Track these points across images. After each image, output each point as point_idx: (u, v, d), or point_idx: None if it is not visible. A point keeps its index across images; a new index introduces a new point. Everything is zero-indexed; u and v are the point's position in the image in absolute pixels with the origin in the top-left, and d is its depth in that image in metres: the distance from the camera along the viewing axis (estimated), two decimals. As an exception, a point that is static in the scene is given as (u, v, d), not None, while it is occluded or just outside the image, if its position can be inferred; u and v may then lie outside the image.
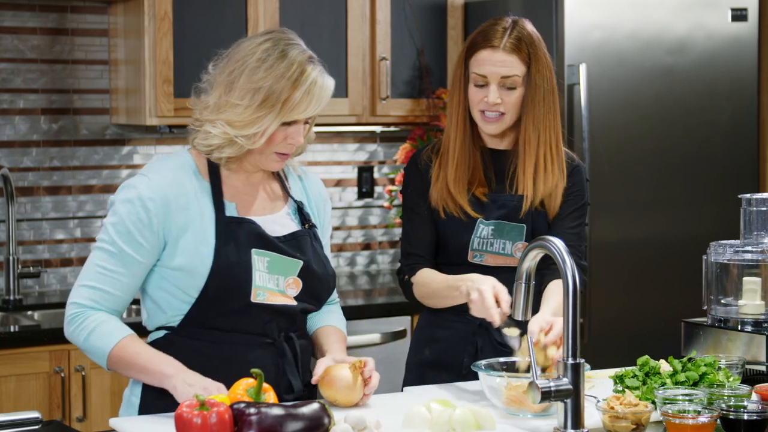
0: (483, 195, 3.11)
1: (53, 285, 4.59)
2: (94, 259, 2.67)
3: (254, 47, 2.67)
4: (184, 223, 2.65)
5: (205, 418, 2.20)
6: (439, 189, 3.12)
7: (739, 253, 3.12)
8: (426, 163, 3.17)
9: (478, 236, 3.10)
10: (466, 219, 3.09)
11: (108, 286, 2.65)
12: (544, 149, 3.10)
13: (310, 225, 2.80)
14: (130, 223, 2.63)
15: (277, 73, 2.63)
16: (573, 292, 2.38)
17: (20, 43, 4.50)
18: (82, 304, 2.65)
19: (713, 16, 4.78)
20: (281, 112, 2.64)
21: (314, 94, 2.66)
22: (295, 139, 2.69)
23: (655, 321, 4.61)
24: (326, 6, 4.72)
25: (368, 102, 4.82)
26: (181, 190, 2.66)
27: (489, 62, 3.05)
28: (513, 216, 3.10)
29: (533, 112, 3.08)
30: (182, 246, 2.64)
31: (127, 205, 2.64)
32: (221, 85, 2.67)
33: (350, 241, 5.19)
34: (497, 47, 3.04)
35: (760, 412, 2.43)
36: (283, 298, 2.71)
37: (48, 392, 3.90)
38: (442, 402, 2.52)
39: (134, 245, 2.63)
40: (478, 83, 3.07)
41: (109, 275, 2.64)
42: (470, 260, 3.11)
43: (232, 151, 2.68)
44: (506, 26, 3.08)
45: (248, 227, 2.69)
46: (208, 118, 2.68)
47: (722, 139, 4.84)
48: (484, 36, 3.07)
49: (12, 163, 4.49)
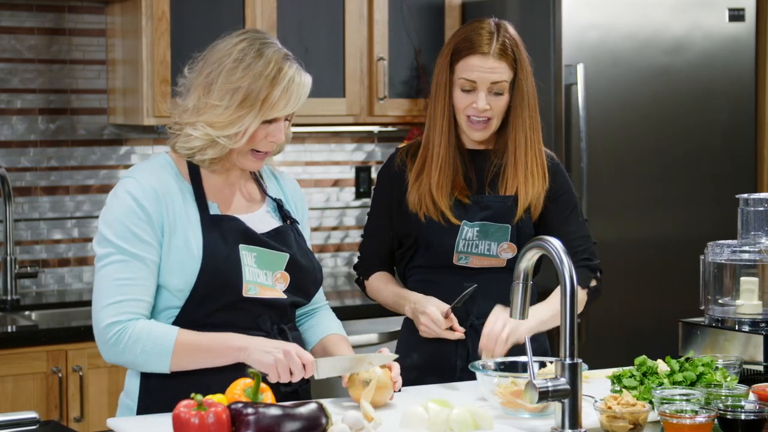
0: (465, 197, 3.12)
1: (51, 285, 4.58)
2: (108, 276, 2.62)
3: (230, 48, 2.68)
4: (173, 222, 2.65)
5: (203, 418, 2.20)
6: (420, 194, 3.12)
7: (737, 253, 3.12)
8: (400, 167, 3.18)
9: (464, 238, 3.10)
10: (447, 225, 3.10)
11: (134, 294, 2.61)
12: (531, 152, 3.12)
13: (291, 221, 2.82)
14: (131, 224, 2.63)
15: (254, 72, 2.64)
16: (570, 292, 2.38)
17: (18, 43, 4.50)
18: (119, 321, 2.60)
19: (710, 16, 4.78)
20: (261, 111, 2.65)
21: (292, 91, 2.67)
22: (276, 137, 2.70)
23: (652, 321, 4.61)
24: (324, 6, 4.72)
25: (366, 102, 4.82)
26: (167, 188, 2.67)
27: (479, 68, 3.05)
28: (498, 217, 3.11)
29: (521, 116, 3.10)
30: (173, 245, 2.64)
31: (123, 210, 2.64)
32: (199, 87, 2.68)
33: (348, 240, 5.19)
34: (487, 54, 3.04)
35: (757, 412, 2.43)
36: (273, 292, 2.72)
37: (45, 392, 3.90)
38: (439, 402, 2.52)
39: (143, 245, 2.62)
40: (465, 88, 3.07)
41: (130, 283, 2.61)
42: (455, 263, 3.12)
43: (214, 152, 2.69)
44: (491, 30, 3.07)
45: (233, 224, 2.70)
46: (188, 120, 2.68)
47: (720, 139, 4.84)
48: (471, 42, 3.06)
49: (9, 163, 4.49)
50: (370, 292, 3.27)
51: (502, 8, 4.79)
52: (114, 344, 2.60)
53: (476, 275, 3.09)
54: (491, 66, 3.05)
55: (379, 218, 3.23)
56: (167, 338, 2.60)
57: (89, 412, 3.96)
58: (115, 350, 2.61)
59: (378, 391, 2.66)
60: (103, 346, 2.62)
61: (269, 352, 2.57)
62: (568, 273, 2.39)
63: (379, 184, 3.25)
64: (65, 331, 3.96)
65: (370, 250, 3.27)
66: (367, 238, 3.28)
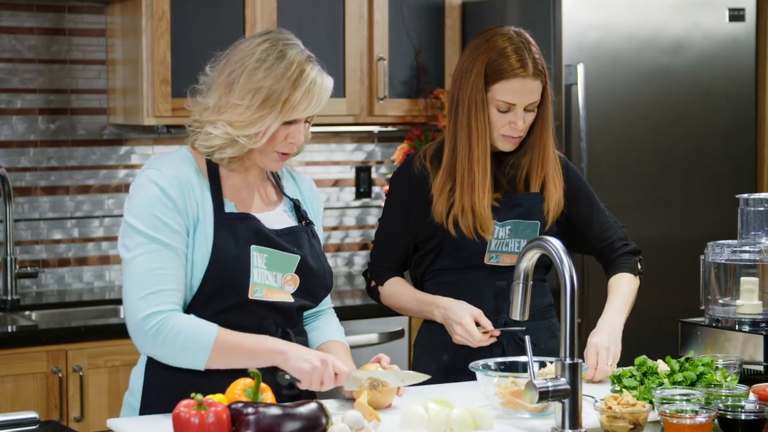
0: (495, 200, 3.12)
1: (51, 285, 4.58)
2: (142, 266, 2.59)
3: (252, 48, 2.68)
4: (194, 215, 2.65)
5: (203, 417, 2.20)
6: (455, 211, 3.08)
7: (737, 253, 3.13)
8: (421, 171, 3.15)
9: (496, 238, 3.11)
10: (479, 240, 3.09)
11: (170, 284, 2.59)
12: (552, 149, 3.17)
13: (307, 222, 2.81)
14: (160, 213, 2.61)
15: (276, 73, 2.64)
16: (571, 292, 2.38)
17: (18, 43, 4.50)
18: (160, 311, 2.57)
19: (711, 16, 4.78)
20: (282, 112, 2.64)
21: (314, 93, 2.66)
22: (296, 138, 2.70)
23: (652, 321, 4.61)
24: (324, 6, 4.72)
25: (366, 102, 4.82)
26: (189, 182, 2.67)
27: (519, 92, 3.04)
28: (529, 214, 3.14)
29: (547, 119, 3.13)
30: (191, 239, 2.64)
31: (149, 200, 2.62)
32: (221, 86, 2.68)
33: (348, 241, 5.19)
34: (528, 75, 3.04)
35: (757, 412, 2.43)
36: (280, 294, 2.71)
37: (46, 392, 3.90)
38: (439, 402, 2.52)
39: (171, 233, 2.61)
40: (502, 109, 3.06)
41: (164, 273, 2.59)
42: (486, 262, 3.12)
43: (234, 151, 2.68)
44: (520, 47, 3.05)
45: (248, 223, 2.69)
46: (208, 119, 2.68)
47: (720, 139, 4.84)
48: (507, 64, 3.04)
49: (9, 163, 4.49)
50: (386, 297, 3.22)
51: (502, 8, 4.79)
52: (154, 335, 2.57)
53: (505, 273, 3.08)
54: (530, 88, 3.05)
55: (395, 223, 3.19)
56: (208, 335, 2.58)
57: (89, 412, 3.96)
58: (154, 341, 2.58)
59: (386, 393, 2.66)
60: (141, 337, 2.59)
61: (308, 360, 2.58)
62: (568, 273, 2.39)
63: (395, 188, 3.20)
64: (65, 331, 3.96)
65: (384, 255, 3.22)
66: (381, 244, 3.23)
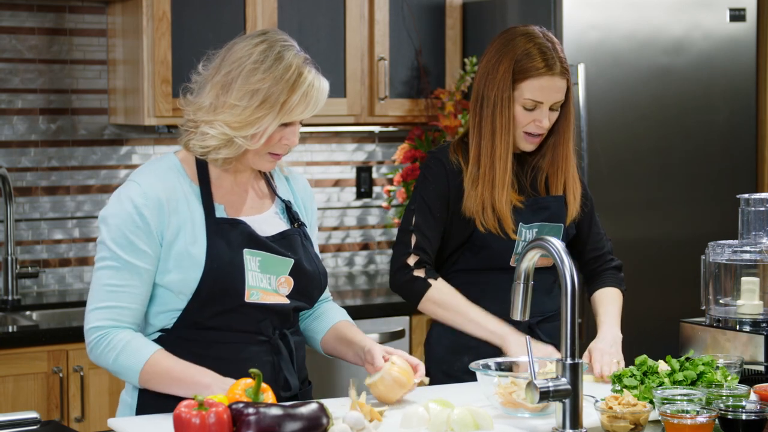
0: (518, 202, 3.13)
1: (51, 285, 4.58)
2: (101, 280, 2.64)
3: (250, 48, 2.67)
4: (177, 226, 2.64)
5: (204, 418, 2.20)
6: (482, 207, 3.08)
7: (738, 253, 3.13)
8: (456, 165, 3.14)
9: (523, 239, 3.12)
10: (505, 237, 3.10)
11: (123, 302, 2.63)
12: (573, 154, 3.19)
13: (299, 224, 2.81)
14: (129, 232, 2.62)
15: (275, 75, 2.63)
16: (571, 292, 2.38)
17: (18, 43, 4.50)
18: (102, 326, 2.63)
19: (711, 16, 4.78)
20: (279, 114, 2.64)
21: (312, 96, 2.66)
22: (290, 140, 2.70)
23: (652, 321, 4.61)
24: (324, 6, 4.72)
25: (366, 102, 4.82)
26: (172, 193, 2.66)
27: (548, 90, 3.06)
28: (555, 217, 3.15)
29: (571, 125, 3.15)
30: (176, 249, 2.64)
31: (122, 216, 2.63)
32: (217, 86, 2.67)
33: (348, 241, 5.19)
34: (555, 74, 3.06)
35: (758, 412, 2.43)
36: (276, 297, 2.71)
37: (46, 392, 3.90)
38: (440, 402, 2.52)
39: (138, 254, 2.62)
40: (528, 107, 3.07)
41: (120, 290, 2.63)
42: (512, 264, 3.12)
43: (229, 152, 2.68)
44: (548, 45, 3.07)
45: (239, 228, 2.69)
46: (204, 119, 2.68)
47: (720, 139, 4.84)
48: (536, 61, 3.05)
49: (10, 163, 4.49)
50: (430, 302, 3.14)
51: (502, 8, 4.79)
52: (93, 348, 2.64)
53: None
54: (557, 86, 3.07)
55: (435, 213, 3.13)
56: (140, 355, 2.61)
57: (90, 412, 3.96)
58: (94, 354, 2.65)
59: (394, 386, 2.67)
60: (87, 347, 2.67)
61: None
62: (569, 273, 2.39)
63: (432, 178, 3.14)
64: (66, 331, 3.96)
65: (429, 243, 3.14)
66: (424, 232, 3.14)
